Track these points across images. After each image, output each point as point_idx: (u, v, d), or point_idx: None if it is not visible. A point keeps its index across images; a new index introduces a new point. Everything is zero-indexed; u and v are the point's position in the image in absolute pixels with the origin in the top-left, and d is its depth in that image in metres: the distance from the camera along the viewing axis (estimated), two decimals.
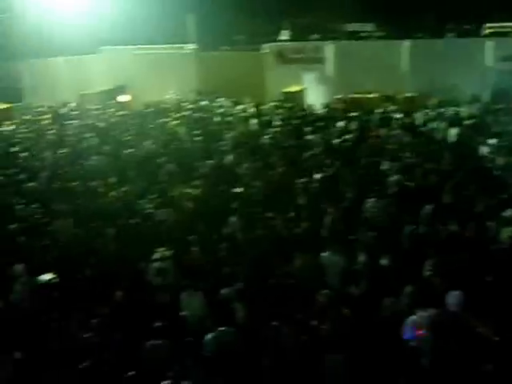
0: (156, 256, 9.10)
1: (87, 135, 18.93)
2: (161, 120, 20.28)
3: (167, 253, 9.17)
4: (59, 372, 6.82)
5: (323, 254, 8.79)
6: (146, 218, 11.35)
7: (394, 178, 12.02)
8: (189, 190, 12.70)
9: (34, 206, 12.59)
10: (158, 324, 7.13)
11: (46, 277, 9.15)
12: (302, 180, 12.34)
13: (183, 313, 7.93)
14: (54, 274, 9.22)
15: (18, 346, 7.33)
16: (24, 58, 27.29)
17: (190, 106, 22.61)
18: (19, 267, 9.28)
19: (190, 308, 7.94)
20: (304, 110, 20.47)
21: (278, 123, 18.36)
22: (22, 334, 7.85)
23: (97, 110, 23.87)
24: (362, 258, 8.65)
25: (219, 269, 8.84)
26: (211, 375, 6.37)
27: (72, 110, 24.53)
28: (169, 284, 8.75)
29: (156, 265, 9.02)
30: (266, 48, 24.48)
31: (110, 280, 8.96)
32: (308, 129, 17.15)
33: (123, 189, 13.17)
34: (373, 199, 10.72)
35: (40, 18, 25.71)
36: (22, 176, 15.10)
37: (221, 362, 6.56)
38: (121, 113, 23.00)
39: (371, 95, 21.17)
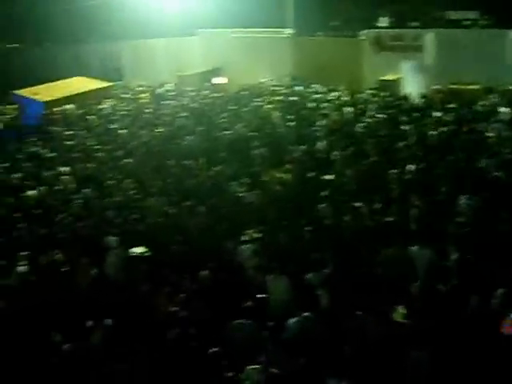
0: (245, 238, 9.18)
1: (182, 115, 19.40)
2: (255, 103, 20.39)
3: (256, 235, 9.23)
4: (146, 341, 7.10)
5: (411, 247, 8.60)
6: (235, 200, 11.50)
7: (492, 173, 11.53)
8: (279, 175, 12.76)
9: (128, 181, 13.11)
10: (244, 304, 7.24)
11: (138, 250, 9.51)
12: (395, 170, 12.09)
13: (268, 295, 8.00)
14: (146, 247, 9.58)
15: (109, 314, 7.69)
16: (125, 38, 28.33)
17: (285, 91, 22.53)
18: (113, 239, 9.68)
19: (274, 291, 8.00)
20: (400, 99, 19.96)
21: (373, 112, 18.00)
22: (114, 303, 8.25)
23: (193, 91, 24.30)
24: (451, 253, 8.40)
25: (306, 254, 8.83)
26: (291, 360, 6.40)
27: (169, 91, 25.18)
28: (258, 266, 8.83)
29: (250, 246, 9.10)
30: (364, 34, 23.99)
31: (198, 257, 9.19)
32: (403, 119, 16.73)
33: (215, 169, 13.43)
34: (467, 195, 10.33)
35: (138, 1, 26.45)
36: (119, 153, 15.71)
37: (302, 348, 6.58)
38: (216, 95, 23.35)
39: (471, 86, 20.31)
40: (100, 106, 23.11)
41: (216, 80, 25.78)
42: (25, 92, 23.87)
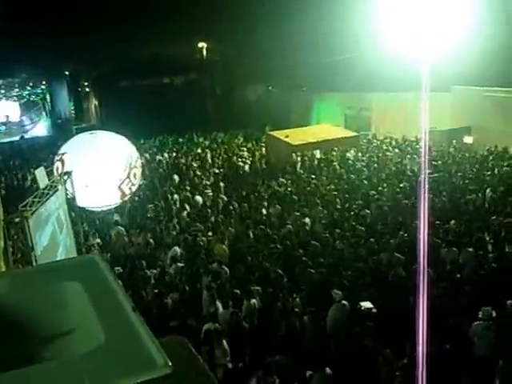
0: (481, 314, 8.73)
1: (427, 172, 19.13)
2: (504, 168, 19.30)
3: (492, 312, 8.72)
4: None
5: None
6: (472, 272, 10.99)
7: None
8: None
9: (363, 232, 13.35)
10: None
11: (367, 304, 9.64)
12: None
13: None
14: (374, 304, 9.67)
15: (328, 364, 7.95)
16: (374, 89, 29.06)
17: None
18: (338, 293, 9.91)
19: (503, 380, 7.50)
20: None
21: None
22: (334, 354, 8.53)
23: (440, 148, 23.93)
24: None
25: None
26: None
27: (414, 146, 25.11)
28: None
29: (483, 324, 8.62)
30: None
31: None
32: None
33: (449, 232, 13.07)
34: None
35: (391, 54, 26.80)
36: (358, 202, 16.07)
37: None
38: (461, 154, 22.67)
39: None
40: (344, 154, 23.91)
41: (466, 139, 25.04)
42: (277, 133, 25.76)
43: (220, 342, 8.60)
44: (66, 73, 46.18)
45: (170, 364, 1.27)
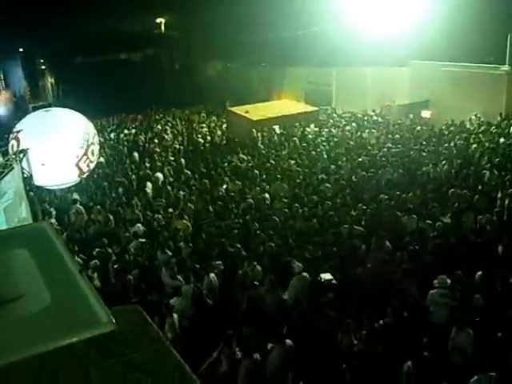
0: (437, 282, 8.94)
1: (385, 147, 19.37)
2: (459, 141, 19.62)
3: (447, 280, 8.93)
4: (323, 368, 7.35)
5: None
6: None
7: None
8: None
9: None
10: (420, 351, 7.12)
11: (327, 276, 9.74)
12: None
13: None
14: (334, 276, 9.79)
15: (289, 335, 8.06)
16: (336, 64, 29.16)
17: (495, 131, 21.12)
18: (298, 265, 9.99)
19: (457, 342, 7.69)
20: None
21: None
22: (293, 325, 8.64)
23: (398, 122, 24.22)
24: None
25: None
26: None
27: (374, 120, 25.32)
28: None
29: (439, 291, 8.89)
30: None
31: (380, 293, 9.17)
32: None
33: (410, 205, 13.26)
34: None
35: (351, 30, 26.90)
36: (321, 176, 16.19)
37: None
38: (420, 128, 22.95)
39: None
40: (304, 129, 23.98)
41: (423, 113, 25.38)
42: (237, 109, 25.65)
43: (170, 316, 8.65)
44: (20, 50, 44.88)
45: (114, 321, 1.27)
